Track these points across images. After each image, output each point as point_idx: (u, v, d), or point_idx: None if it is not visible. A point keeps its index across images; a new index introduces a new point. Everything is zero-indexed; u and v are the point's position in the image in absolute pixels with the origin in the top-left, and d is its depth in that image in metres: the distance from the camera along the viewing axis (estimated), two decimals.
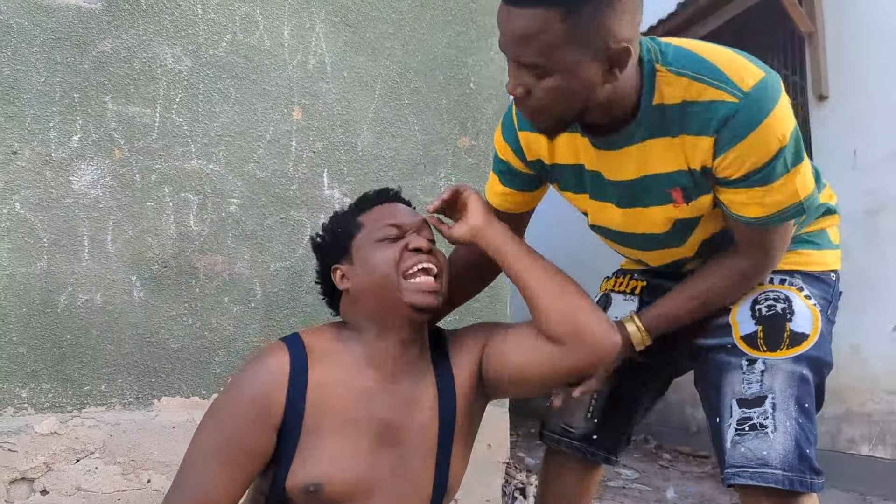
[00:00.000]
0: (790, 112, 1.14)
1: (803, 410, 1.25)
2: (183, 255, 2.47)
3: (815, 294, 1.34)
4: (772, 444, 1.22)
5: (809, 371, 1.28)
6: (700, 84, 1.13)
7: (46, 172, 2.32)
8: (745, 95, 1.11)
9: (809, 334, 1.29)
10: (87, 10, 2.44)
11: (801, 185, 1.17)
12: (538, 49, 1.06)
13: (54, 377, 2.26)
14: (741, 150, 1.13)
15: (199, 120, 2.55)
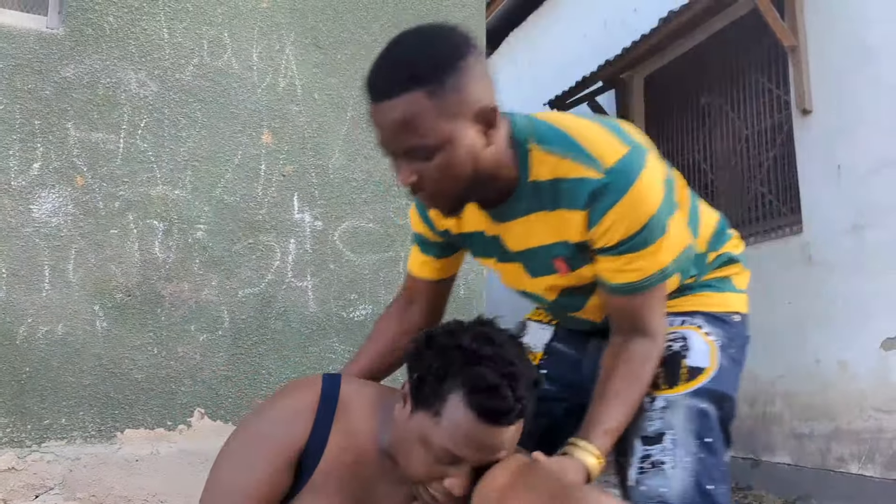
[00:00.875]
0: (657, 181, 1.18)
1: (705, 446, 1.23)
2: (148, 282, 2.43)
3: (714, 332, 1.34)
4: (670, 481, 1.19)
5: (710, 404, 1.26)
6: (566, 161, 1.18)
7: (5, 201, 2.28)
8: (608, 171, 1.16)
9: (706, 367, 1.28)
10: (49, 35, 2.41)
11: (666, 252, 1.21)
12: (417, 131, 1.09)
13: (12, 411, 2.21)
14: (612, 220, 1.17)
15: (164, 145, 2.51)
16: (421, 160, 1.12)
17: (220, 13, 2.66)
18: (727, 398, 1.28)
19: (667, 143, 5.47)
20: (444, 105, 1.08)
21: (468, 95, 1.10)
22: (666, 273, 1.22)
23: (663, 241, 1.19)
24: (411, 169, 1.13)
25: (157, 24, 2.56)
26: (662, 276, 1.22)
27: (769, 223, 4.51)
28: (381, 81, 1.10)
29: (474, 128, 1.12)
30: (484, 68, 1.14)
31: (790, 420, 4.17)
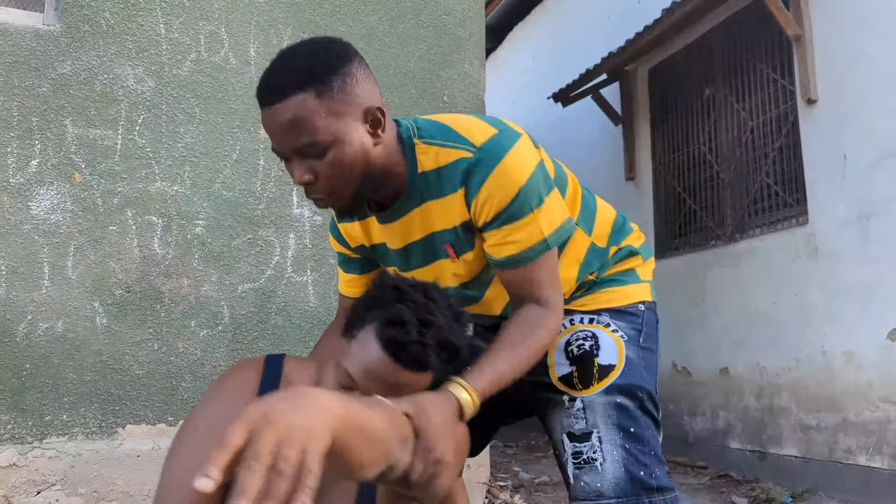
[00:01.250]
0: (527, 157, 1.26)
1: (629, 435, 1.31)
2: (147, 278, 2.42)
3: (621, 326, 1.42)
4: (603, 476, 1.28)
5: (624, 398, 1.34)
6: (445, 149, 1.27)
7: (3, 198, 2.28)
8: (478, 149, 1.24)
9: (616, 364, 1.36)
10: (46, 32, 2.41)
11: (545, 222, 1.26)
12: (307, 130, 1.15)
13: (13, 408, 2.22)
14: (485, 194, 1.24)
15: (162, 141, 2.51)
16: (313, 158, 1.18)
17: (217, 8, 2.65)
18: (639, 388, 1.36)
19: (671, 134, 5.44)
20: (332, 104, 1.15)
21: (355, 96, 1.18)
22: (547, 243, 1.27)
23: (539, 213, 1.25)
24: (305, 167, 1.19)
25: (154, 19, 2.55)
26: (545, 246, 1.27)
27: (775, 214, 4.48)
28: (271, 86, 1.16)
29: (363, 126, 1.20)
30: (367, 73, 1.23)
31: (797, 412, 4.14)
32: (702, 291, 4.90)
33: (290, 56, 1.19)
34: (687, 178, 5.25)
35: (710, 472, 4.67)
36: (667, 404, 5.20)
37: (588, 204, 1.48)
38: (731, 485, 4.36)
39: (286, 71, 1.16)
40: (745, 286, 4.55)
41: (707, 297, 4.86)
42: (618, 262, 1.50)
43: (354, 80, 1.18)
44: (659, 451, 1.34)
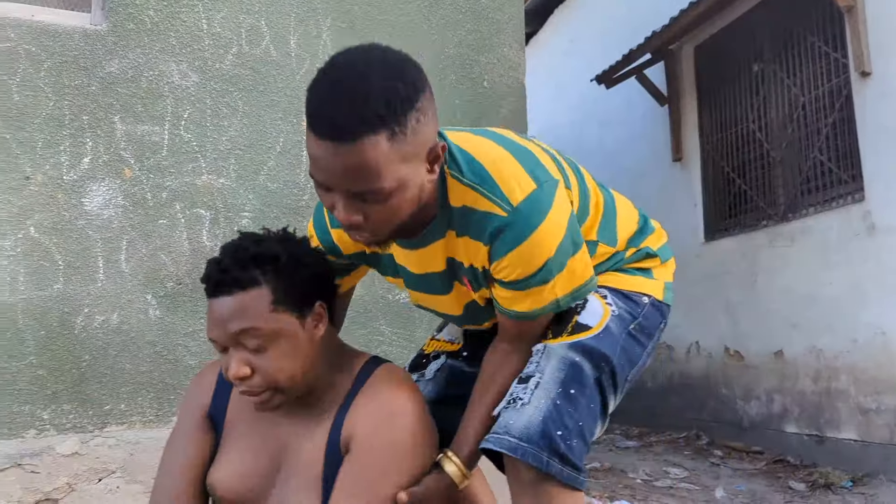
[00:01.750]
0: (560, 223, 1.20)
1: (567, 395, 1.24)
2: (197, 271, 2.47)
3: (618, 304, 1.38)
4: (519, 416, 1.22)
5: (584, 360, 1.28)
6: (476, 194, 1.20)
7: (59, 196, 2.35)
8: (514, 210, 1.17)
9: (592, 326, 1.31)
10: (93, 31, 2.47)
11: (561, 286, 1.24)
12: (372, 177, 1.04)
13: (74, 398, 2.29)
14: (511, 260, 1.20)
15: (207, 135, 2.55)
16: (369, 202, 1.08)
17: (256, 1, 2.67)
18: (604, 359, 1.30)
19: (719, 113, 5.32)
20: (403, 148, 1.05)
21: (423, 136, 1.08)
22: (558, 304, 1.27)
23: (558, 279, 1.23)
24: (355, 208, 1.09)
25: (196, 15, 2.59)
26: (554, 307, 1.27)
27: (829, 192, 4.34)
28: (337, 121, 1.01)
29: (424, 166, 1.11)
30: (433, 101, 1.12)
31: (856, 395, 4.02)
32: (753, 273, 4.79)
33: (361, 82, 1.02)
34: (736, 158, 5.13)
35: (766, 457, 4.57)
36: (719, 388, 5.10)
37: (609, 212, 1.42)
38: (787, 470, 4.27)
39: (357, 105, 1.01)
40: (799, 266, 4.43)
41: (759, 279, 4.75)
42: (632, 262, 1.46)
43: (426, 116, 1.07)
44: (588, 430, 1.26)
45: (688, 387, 5.43)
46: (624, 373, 1.34)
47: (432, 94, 1.12)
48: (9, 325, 2.25)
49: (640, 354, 1.40)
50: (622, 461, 4.63)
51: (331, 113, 1.01)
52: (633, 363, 1.37)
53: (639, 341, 1.39)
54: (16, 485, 2.17)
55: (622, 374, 1.34)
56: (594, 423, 1.29)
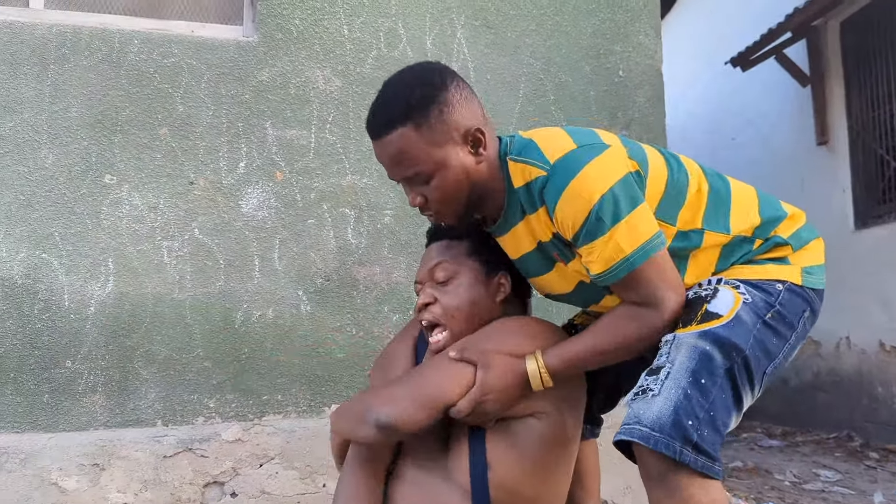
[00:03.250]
0: (604, 175, 1.27)
1: (697, 385, 1.24)
2: (344, 267, 2.58)
3: (751, 293, 1.35)
4: (650, 406, 1.23)
5: (714, 348, 1.27)
6: (528, 166, 1.33)
7: (219, 199, 2.51)
8: (551, 167, 1.29)
9: (723, 315, 1.30)
10: (246, 43, 2.62)
11: (625, 240, 1.27)
12: (410, 160, 1.29)
13: (236, 388, 2.45)
14: (559, 214, 1.29)
15: (350, 137, 2.64)
16: (422, 184, 1.32)
17: (393, 4, 2.74)
18: (736, 348, 1.28)
19: (869, 91, 4.95)
20: (430, 136, 1.28)
21: (453, 123, 1.29)
22: (630, 261, 1.27)
23: (616, 231, 1.26)
24: (416, 192, 1.34)
25: (338, 21, 2.69)
26: (627, 265, 1.27)
27: None
28: (375, 122, 1.31)
29: (464, 149, 1.31)
30: (466, 95, 1.33)
31: None
32: None
33: (391, 90, 1.33)
34: (890, 139, 4.75)
35: None
36: (874, 387, 4.76)
37: (718, 200, 1.42)
38: None
39: (387, 106, 1.30)
40: None
41: None
42: (763, 252, 1.43)
43: (451, 107, 1.29)
44: (721, 420, 1.25)
45: (837, 384, 5.10)
46: (761, 366, 1.31)
47: (462, 88, 1.33)
48: (178, 320, 2.43)
49: (780, 346, 1.35)
50: (767, 461, 4.41)
51: (371, 120, 1.33)
52: (772, 355, 1.33)
53: (777, 332, 1.34)
54: (188, 468, 2.34)
55: (758, 366, 1.30)
56: (727, 414, 1.27)
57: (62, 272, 2.37)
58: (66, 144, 2.42)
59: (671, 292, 1.31)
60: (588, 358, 1.36)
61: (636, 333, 1.33)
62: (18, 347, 2.32)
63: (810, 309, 1.40)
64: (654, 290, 1.30)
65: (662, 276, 1.31)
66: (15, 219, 2.36)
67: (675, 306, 1.32)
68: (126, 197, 2.45)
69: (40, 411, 2.31)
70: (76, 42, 2.47)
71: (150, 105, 2.50)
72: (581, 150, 1.30)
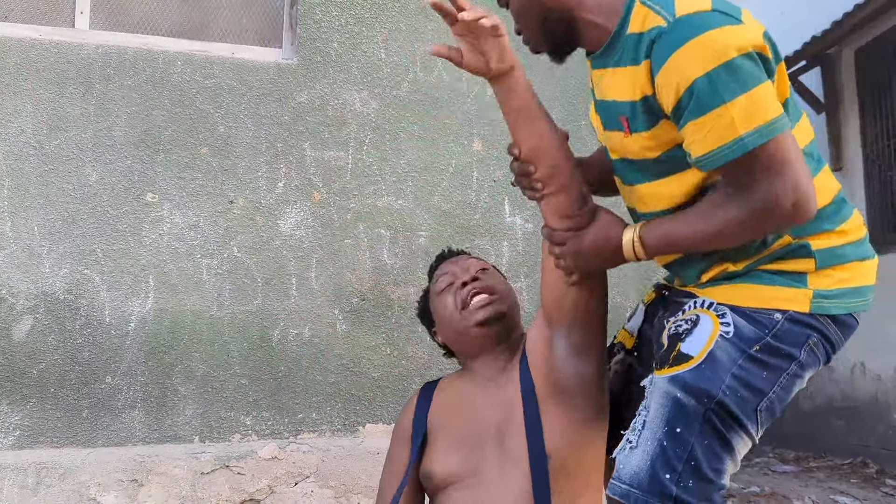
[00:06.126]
0: (732, 42, 1.10)
1: (673, 435, 1.17)
2: (379, 287, 2.60)
3: (738, 324, 1.22)
4: (629, 460, 1.19)
5: (684, 394, 1.19)
6: (651, 13, 1.18)
7: (257, 218, 2.55)
8: (676, 20, 1.13)
9: (693, 357, 1.20)
10: (286, 65, 2.66)
11: (740, 118, 1.09)
12: None
13: (272, 406, 2.46)
14: (666, 74, 1.13)
15: (387, 158, 2.68)
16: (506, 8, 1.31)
17: (430, 29, 2.80)
18: (706, 395, 1.18)
19: (885, 119, 5.00)
20: None
21: None
22: (743, 143, 1.09)
23: (733, 106, 1.09)
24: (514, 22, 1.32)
25: (375, 45, 2.74)
26: (740, 146, 1.10)
27: None
28: None
29: None
30: None
31: None
32: None
33: None
34: None
35: None
36: (890, 414, 4.77)
37: None
38: None
39: None
40: None
41: None
42: (779, 259, 1.25)
43: None
44: (709, 467, 1.17)
45: (852, 410, 5.10)
46: (747, 404, 1.20)
47: None
48: (216, 337, 2.45)
49: (773, 380, 1.22)
50: (782, 486, 4.41)
51: None
52: (762, 391, 1.21)
53: (768, 365, 1.21)
54: (225, 485, 2.35)
55: (742, 406, 1.19)
56: (717, 460, 1.19)
57: (104, 288, 2.40)
58: (110, 163, 2.46)
59: (789, 181, 1.12)
60: (681, 234, 1.23)
61: (722, 217, 1.17)
62: (59, 363, 2.34)
63: (819, 335, 1.24)
64: (771, 173, 1.12)
65: (785, 160, 1.12)
66: (59, 235, 2.39)
67: (798, 194, 1.12)
68: (167, 215, 2.48)
69: (79, 426, 2.33)
70: (121, 62, 2.52)
71: (191, 125, 2.54)
72: (714, 14, 1.12)
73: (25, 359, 2.32)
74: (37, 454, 2.27)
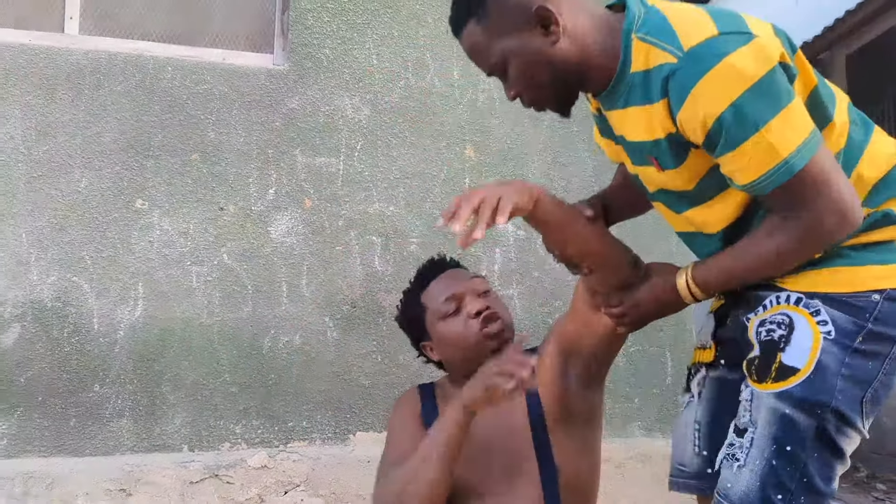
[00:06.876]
0: (749, 66, 1.06)
1: (784, 454, 1.14)
2: (370, 294, 2.59)
3: (835, 318, 1.16)
4: (737, 479, 1.17)
5: (796, 411, 1.14)
6: (655, 49, 1.14)
7: (248, 225, 2.53)
8: (685, 54, 1.10)
9: (800, 369, 1.15)
10: (277, 71, 2.65)
11: (779, 141, 1.07)
12: (482, 56, 1.24)
13: (262, 414, 2.45)
14: (689, 111, 1.10)
15: (378, 165, 2.67)
16: (506, 77, 1.25)
17: (421, 35, 2.79)
18: (822, 406, 1.14)
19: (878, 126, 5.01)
20: (494, 27, 1.20)
21: (511, 8, 1.19)
22: (789, 166, 1.07)
23: (768, 131, 1.06)
24: (506, 85, 1.27)
25: (367, 51, 2.73)
26: (786, 170, 1.07)
27: None
28: (451, 24, 1.27)
29: (532, 32, 1.19)
30: None
31: None
32: None
33: None
34: None
35: None
36: (880, 417, 4.76)
37: (853, 145, 1.20)
38: None
39: (454, 6, 1.26)
40: None
41: None
42: (863, 231, 1.18)
43: None
44: (820, 481, 1.14)
45: None
46: (855, 401, 1.16)
47: None
48: (206, 344, 2.44)
49: (877, 367, 1.16)
50: None
51: (449, 20, 1.28)
52: (867, 382, 1.16)
53: (870, 353, 1.16)
54: (214, 494, 2.34)
55: (852, 405, 1.16)
56: (828, 470, 1.16)
57: (92, 296, 2.38)
58: (99, 169, 2.44)
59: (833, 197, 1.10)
60: (733, 268, 1.22)
61: (773, 245, 1.16)
62: (47, 371, 2.32)
63: None
64: (814, 195, 1.10)
65: (825, 178, 1.10)
66: (47, 242, 2.37)
67: (840, 209, 1.11)
68: (157, 222, 2.46)
69: (67, 435, 2.31)
70: (110, 68, 2.50)
71: (182, 131, 2.52)
72: (724, 38, 1.09)
73: (13, 367, 2.30)
74: (24, 463, 2.25)
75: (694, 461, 1.45)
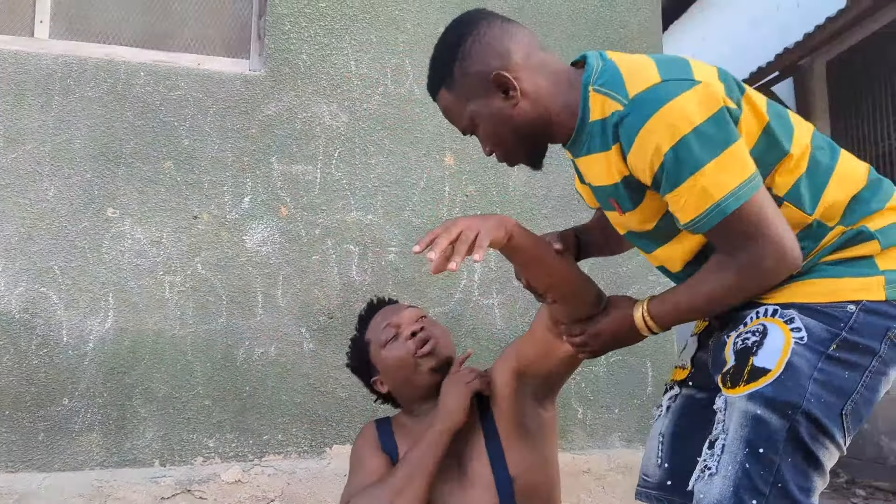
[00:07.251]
0: (689, 113, 1.13)
1: (756, 457, 1.14)
2: (348, 304, 2.55)
3: (809, 326, 1.18)
4: (709, 488, 1.16)
5: (766, 411, 1.15)
6: (608, 99, 1.22)
7: (223, 234, 2.48)
8: (630, 101, 1.18)
9: (771, 369, 1.17)
10: (253, 77, 2.60)
11: (712, 184, 1.14)
12: (454, 118, 1.35)
13: (236, 427, 2.40)
14: (636, 155, 1.18)
15: (356, 173, 2.63)
16: (476, 134, 1.35)
17: (401, 41, 2.75)
18: (792, 406, 1.14)
19: (855, 131, 5.05)
20: (461, 92, 1.30)
21: (475, 75, 1.27)
22: (721, 208, 1.14)
23: (701, 176, 1.13)
24: (481, 143, 1.37)
25: (345, 57, 2.69)
26: (719, 212, 1.15)
27: None
28: (427, 88, 1.38)
29: (493, 97, 1.28)
30: (488, 40, 1.28)
31: None
32: None
33: (433, 54, 1.37)
34: None
35: None
36: None
37: (817, 171, 1.23)
38: None
39: (429, 71, 1.36)
40: None
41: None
42: (839, 248, 1.23)
43: (471, 59, 1.27)
44: (795, 487, 1.13)
45: None
46: (832, 409, 1.15)
47: (483, 33, 1.28)
48: (179, 356, 2.38)
49: (857, 378, 1.17)
50: None
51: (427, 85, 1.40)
52: (846, 391, 1.16)
53: (848, 363, 1.17)
54: None
55: (828, 412, 1.15)
56: (803, 478, 1.15)
57: (61, 307, 2.32)
58: (69, 177, 2.38)
59: (770, 239, 1.16)
60: (686, 305, 1.28)
61: (726, 282, 1.22)
62: (14, 384, 2.26)
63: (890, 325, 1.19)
64: (750, 236, 1.16)
65: (760, 221, 1.15)
66: (14, 252, 2.31)
67: (777, 251, 1.16)
68: (128, 231, 2.41)
69: (35, 450, 2.25)
70: (81, 73, 2.44)
71: (154, 138, 2.47)
72: (665, 85, 1.16)
73: None
74: None
75: (656, 472, 1.50)
